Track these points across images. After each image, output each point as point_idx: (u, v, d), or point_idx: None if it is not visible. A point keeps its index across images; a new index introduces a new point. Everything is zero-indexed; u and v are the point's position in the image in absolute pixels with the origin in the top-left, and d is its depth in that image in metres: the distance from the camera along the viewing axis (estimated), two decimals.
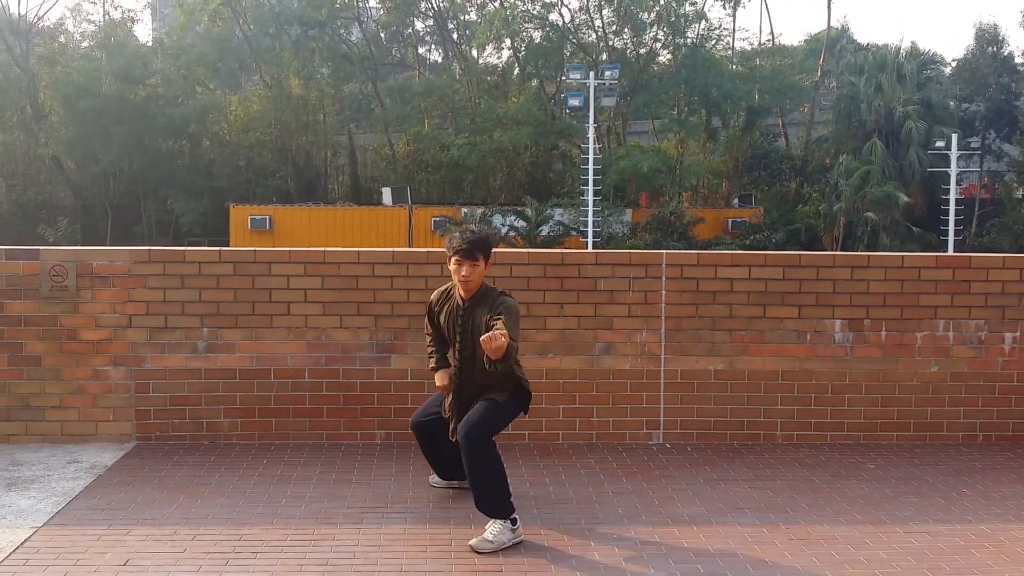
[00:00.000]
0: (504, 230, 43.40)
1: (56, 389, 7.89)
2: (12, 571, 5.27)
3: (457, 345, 6.18)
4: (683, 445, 8.04)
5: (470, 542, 5.65)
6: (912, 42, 55.82)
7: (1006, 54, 57.91)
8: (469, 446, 5.82)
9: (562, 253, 8.31)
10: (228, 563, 5.41)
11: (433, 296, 6.42)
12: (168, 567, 5.35)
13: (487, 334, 5.64)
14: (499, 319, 5.83)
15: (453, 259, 6.01)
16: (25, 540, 5.72)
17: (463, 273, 5.99)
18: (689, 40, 54.10)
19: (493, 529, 5.71)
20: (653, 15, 52.97)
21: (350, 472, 7.19)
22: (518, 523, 5.81)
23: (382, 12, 60.07)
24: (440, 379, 6.38)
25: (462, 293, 6.11)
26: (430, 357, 6.53)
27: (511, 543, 5.68)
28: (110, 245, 21.29)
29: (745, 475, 7.25)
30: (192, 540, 5.75)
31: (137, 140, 50.73)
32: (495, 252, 8.42)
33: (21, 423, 7.90)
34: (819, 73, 57.47)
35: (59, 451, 7.66)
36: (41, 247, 8.19)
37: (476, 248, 5.96)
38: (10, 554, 5.50)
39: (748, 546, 5.78)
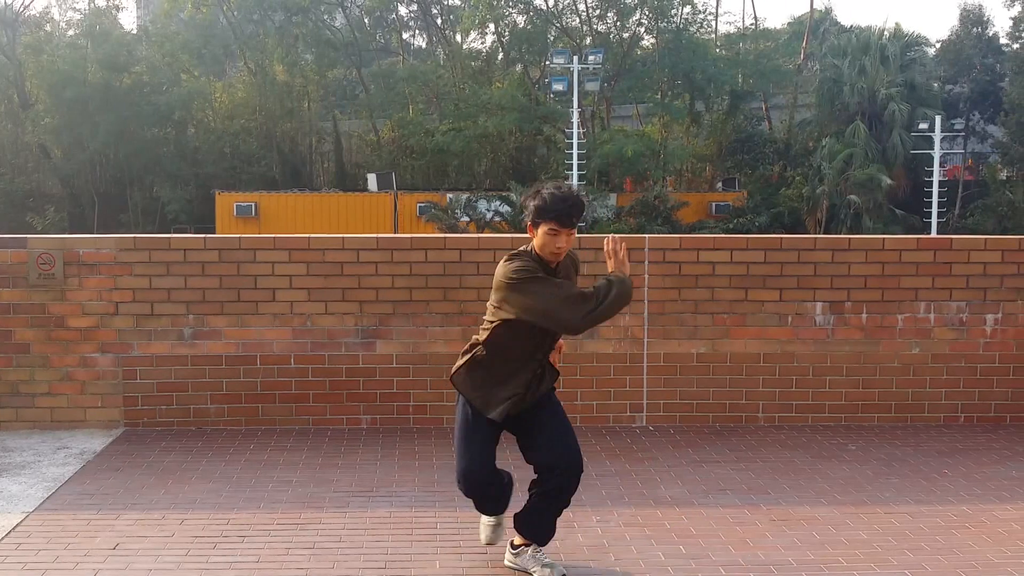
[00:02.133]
0: (489, 215, 43.37)
1: (45, 376, 7.93)
2: (4, 555, 5.32)
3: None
4: (666, 428, 8.12)
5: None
6: (896, 24, 55.72)
7: (991, 35, 58.06)
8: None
9: None
10: (216, 547, 5.47)
11: (530, 264, 4.90)
12: (157, 551, 5.40)
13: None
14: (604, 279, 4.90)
15: (547, 226, 4.80)
16: (16, 525, 5.77)
17: (559, 245, 4.83)
18: (673, 24, 54.06)
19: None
20: None
21: (336, 457, 7.24)
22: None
23: None
24: None
25: (549, 260, 4.91)
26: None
27: None
28: (97, 233, 21.29)
29: (727, 457, 7.33)
30: (180, 524, 5.80)
31: (123, 128, 50.51)
32: (482, 238, 8.49)
33: (11, 409, 7.94)
34: (802, 56, 57.49)
35: (49, 437, 7.70)
36: (28, 235, 8.22)
37: (578, 214, 4.87)
38: (2, 539, 5.55)
39: (730, 527, 5.86)
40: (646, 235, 8.42)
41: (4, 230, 30.02)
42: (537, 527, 5.15)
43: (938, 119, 46.26)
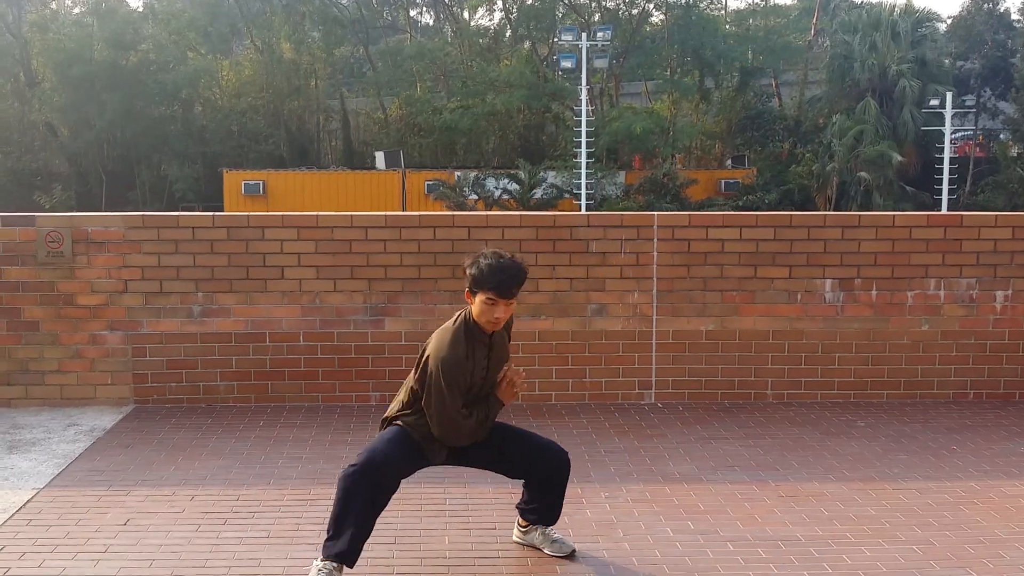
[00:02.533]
0: (497, 193, 43.35)
1: (54, 354, 7.96)
2: (15, 531, 5.35)
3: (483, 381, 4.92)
4: (675, 405, 8.12)
5: None
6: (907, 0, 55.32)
7: (1002, 11, 57.61)
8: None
9: (554, 216, 8.36)
10: (226, 523, 5.49)
11: (460, 351, 4.78)
12: (168, 527, 5.43)
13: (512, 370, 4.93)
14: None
15: (485, 296, 4.68)
16: (27, 501, 5.80)
17: (496, 315, 4.72)
18: (682, 0, 53.76)
19: None
20: None
21: (345, 434, 7.26)
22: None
23: None
24: None
25: (486, 328, 4.82)
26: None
27: None
28: (104, 211, 21.27)
29: (736, 434, 7.33)
30: (191, 500, 5.83)
31: (130, 106, 50.51)
32: (490, 216, 8.48)
33: (21, 387, 7.97)
34: (812, 32, 57.18)
35: (59, 414, 7.73)
36: (37, 213, 8.23)
37: (517, 286, 4.72)
38: (13, 514, 5.58)
39: (738, 503, 5.87)
40: (655, 212, 8.40)
41: (11, 208, 29.99)
42: (543, 512, 5.13)
43: (949, 96, 46.00)
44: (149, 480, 6.20)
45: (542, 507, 5.10)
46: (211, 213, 8.35)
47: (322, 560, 4.62)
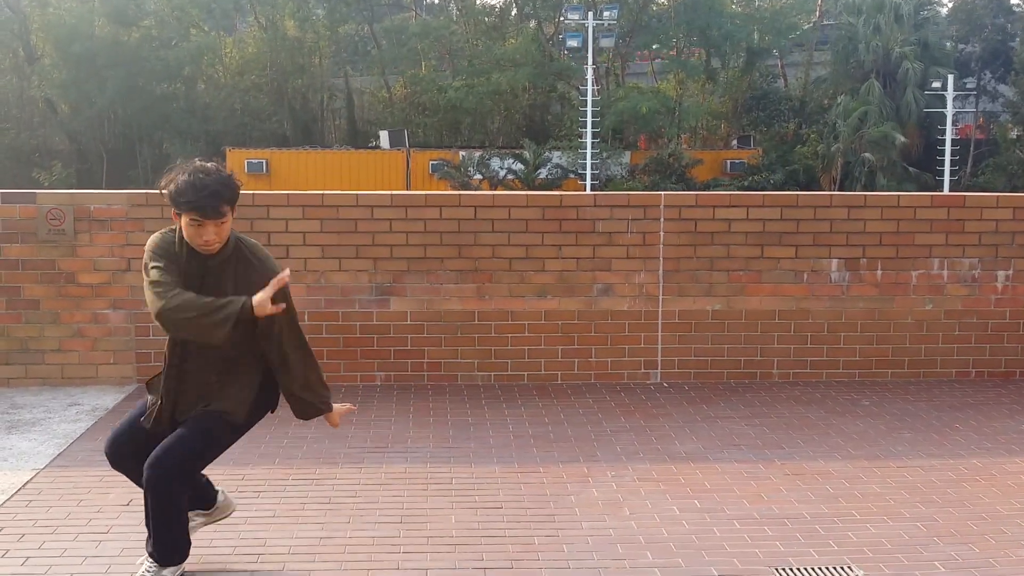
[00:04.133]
0: (502, 173, 43.27)
1: (55, 332, 7.94)
2: (15, 512, 5.34)
3: None
4: (680, 384, 8.11)
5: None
6: None
7: None
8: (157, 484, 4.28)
9: (561, 195, 8.34)
10: None
11: (159, 241, 4.27)
12: None
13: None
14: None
15: (188, 217, 4.11)
16: (28, 481, 5.79)
17: (206, 237, 4.14)
18: None
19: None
20: None
21: (351, 414, 7.23)
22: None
23: None
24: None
25: (200, 249, 4.22)
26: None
27: None
28: (106, 189, 21.24)
29: (742, 413, 7.32)
30: None
31: (131, 83, 50.30)
32: (496, 195, 8.44)
33: (21, 366, 7.95)
34: (818, 13, 56.95)
35: (60, 394, 7.72)
36: (37, 191, 8.19)
37: (224, 202, 4.12)
38: (12, 495, 5.57)
39: (744, 481, 5.86)
40: (662, 192, 8.37)
41: (10, 186, 29.88)
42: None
43: (950, 78, 45.95)
44: None
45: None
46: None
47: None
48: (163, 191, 4.13)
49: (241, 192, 4.24)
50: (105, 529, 5.11)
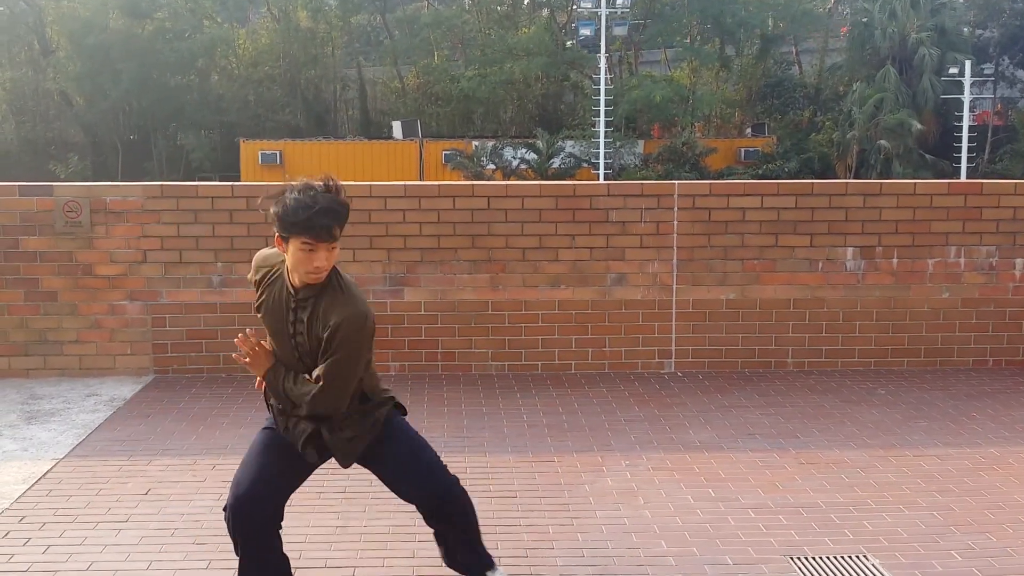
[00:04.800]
0: (515, 163, 43.22)
1: (73, 324, 7.98)
2: (36, 501, 5.38)
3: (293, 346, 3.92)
4: (695, 374, 8.11)
5: None
6: None
7: None
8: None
9: (574, 185, 8.33)
10: None
11: (257, 258, 4.12)
12: (189, 496, 5.46)
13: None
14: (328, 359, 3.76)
15: (298, 241, 3.68)
16: (47, 471, 5.83)
17: (317, 264, 3.71)
18: None
19: None
20: None
21: None
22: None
23: None
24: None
25: (296, 282, 3.84)
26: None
27: None
28: (121, 181, 21.31)
29: (756, 402, 7.32)
30: (212, 470, 5.85)
31: (145, 75, 50.37)
32: (510, 186, 8.44)
33: (39, 357, 8.00)
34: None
35: (78, 385, 7.76)
36: (54, 183, 8.24)
37: (337, 223, 3.70)
38: (33, 485, 5.61)
39: (759, 470, 5.86)
40: (676, 181, 8.37)
41: (27, 178, 29.96)
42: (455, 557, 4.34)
43: (968, 64, 45.60)
44: (170, 450, 6.23)
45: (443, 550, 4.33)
46: (230, 183, 8.34)
47: None
48: (268, 212, 3.71)
49: (257, 183, 4.03)
50: (124, 518, 5.15)
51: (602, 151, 42.13)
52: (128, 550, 4.76)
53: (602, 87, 42.54)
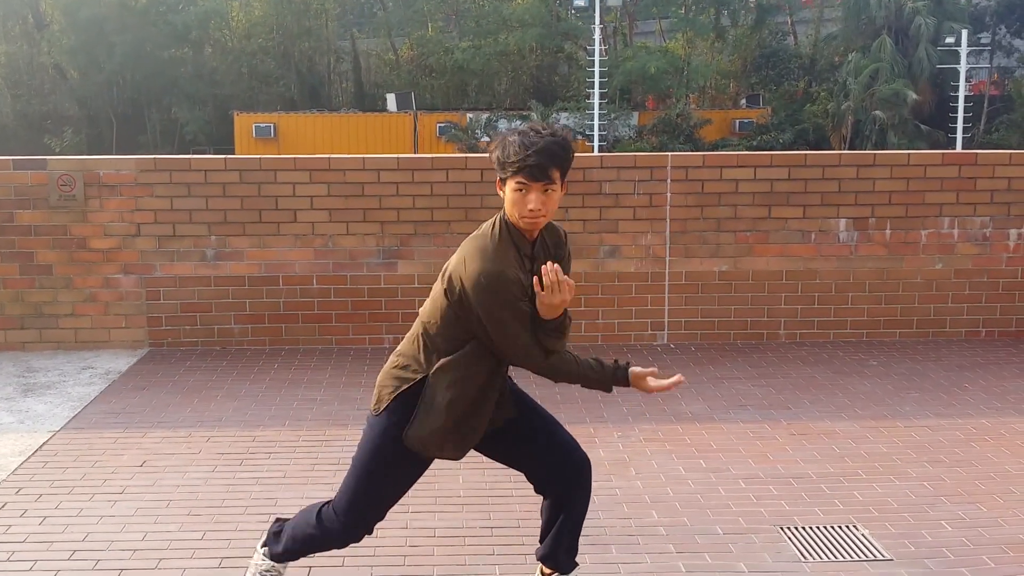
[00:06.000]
0: None
1: (68, 297, 7.99)
2: (32, 473, 5.41)
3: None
4: (687, 345, 8.14)
5: None
6: None
7: None
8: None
9: None
10: (243, 463, 5.55)
11: (508, 271, 3.52)
12: (184, 467, 5.49)
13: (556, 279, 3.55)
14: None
15: (514, 181, 3.44)
16: (44, 443, 5.86)
17: (530, 207, 3.45)
18: None
19: None
20: None
21: (360, 376, 7.30)
22: None
23: None
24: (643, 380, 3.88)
25: (525, 231, 3.57)
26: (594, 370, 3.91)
27: None
28: (115, 155, 21.28)
29: (748, 373, 7.35)
30: (207, 442, 5.88)
31: (139, 48, 50.12)
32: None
33: (35, 331, 8.02)
34: None
35: (73, 357, 7.79)
36: (48, 157, 8.23)
37: (557, 163, 3.44)
38: (29, 457, 5.64)
39: (750, 441, 5.90)
40: (668, 153, 8.36)
41: (22, 152, 29.85)
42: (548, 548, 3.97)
43: (964, 33, 45.38)
44: (165, 422, 6.26)
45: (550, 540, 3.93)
46: (223, 156, 8.34)
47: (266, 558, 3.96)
48: (492, 156, 3.51)
49: (250, 156, 3.46)
50: (120, 489, 5.18)
51: (596, 123, 42.02)
52: (124, 521, 4.79)
53: (596, 58, 42.37)
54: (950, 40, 45.67)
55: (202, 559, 4.39)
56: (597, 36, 43.56)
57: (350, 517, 3.75)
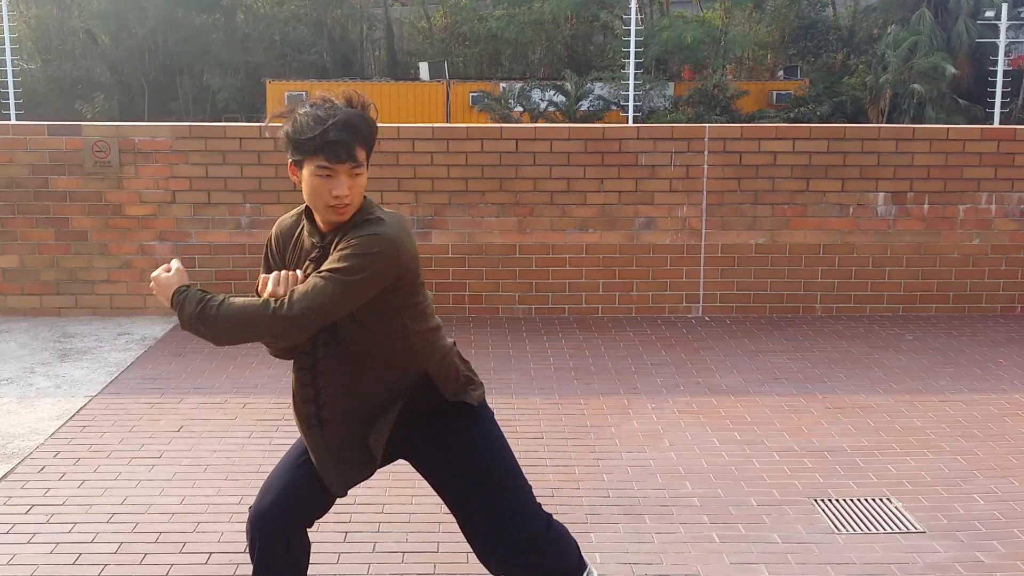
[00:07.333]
0: (543, 105, 42.93)
1: (104, 263, 8.05)
2: (70, 437, 5.47)
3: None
4: (722, 318, 8.11)
5: None
6: None
7: None
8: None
9: (603, 128, 8.29)
10: (278, 429, 5.58)
11: (275, 229, 3.28)
12: (220, 433, 5.53)
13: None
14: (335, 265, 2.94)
15: (313, 164, 2.94)
16: (81, 408, 5.92)
17: (336, 192, 2.95)
18: None
19: None
20: None
21: None
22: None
23: None
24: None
25: (325, 221, 3.07)
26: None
27: None
28: (148, 121, 21.38)
29: (783, 347, 7.32)
30: (243, 408, 5.92)
31: (171, 14, 50.13)
32: (538, 128, 8.40)
33: (71, 296, 8.09)
34: None
35: (109, 324, 7.85)
36: (83, 123, 8.27)
37: (360, 141, 3.02)
38: (67, 421, 5.70)
39: (785, 415, 5.88)
40: (706, 125, 8.32)
41: (53, 117, 29.96)
42: None
43: (1004, 7, 44.72)
44: (201, 388, 6.31)
45: None
46: (258, 124, 8.35)
47: None
48: (279, 135, 3.00)
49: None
50: (157, 454, 5.23)
51: (631, 93, 41.75)
52: (162, 485, 4.84)
53: (632, 28, 42.03)
54: (990, 14, 45.02)
55: (239, 523, 4.41)
56: (633, 5, 43.18)
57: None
